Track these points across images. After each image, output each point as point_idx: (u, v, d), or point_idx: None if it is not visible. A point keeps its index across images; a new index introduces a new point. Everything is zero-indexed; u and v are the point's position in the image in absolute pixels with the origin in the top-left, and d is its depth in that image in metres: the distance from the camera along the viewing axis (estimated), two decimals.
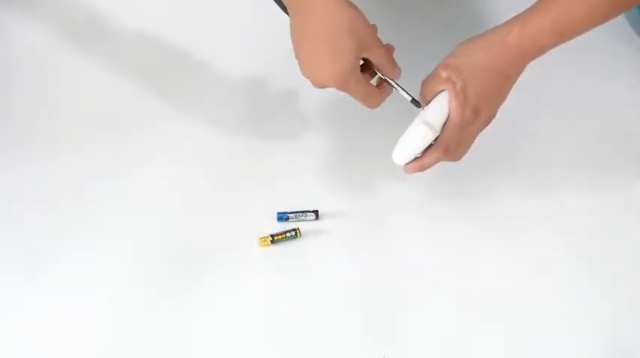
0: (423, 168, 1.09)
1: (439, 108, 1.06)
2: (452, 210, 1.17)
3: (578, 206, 1.18)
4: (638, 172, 1.22)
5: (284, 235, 1.14)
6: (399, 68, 1.09)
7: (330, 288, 1.12)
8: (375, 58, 1.07)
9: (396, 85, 1.09)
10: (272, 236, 1.14)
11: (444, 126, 1.07)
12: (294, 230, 1.14)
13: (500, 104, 1.08)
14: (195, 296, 1.11)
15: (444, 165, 1.11)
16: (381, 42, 1.07)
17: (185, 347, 1.07)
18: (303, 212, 1.16)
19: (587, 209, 1.18)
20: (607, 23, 1.06)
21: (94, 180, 1.21)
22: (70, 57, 1.33)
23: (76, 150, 1.24)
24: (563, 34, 1.05)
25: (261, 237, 1.14)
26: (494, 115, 1.08)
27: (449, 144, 1.07)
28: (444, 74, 1.05)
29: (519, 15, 1.06)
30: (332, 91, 1.06)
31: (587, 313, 1.09)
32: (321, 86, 1.07)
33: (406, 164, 1.09)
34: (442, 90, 1.07)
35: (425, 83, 1.08)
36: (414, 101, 1.09)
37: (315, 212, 1.16)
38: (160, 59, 1.33)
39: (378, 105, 1.10)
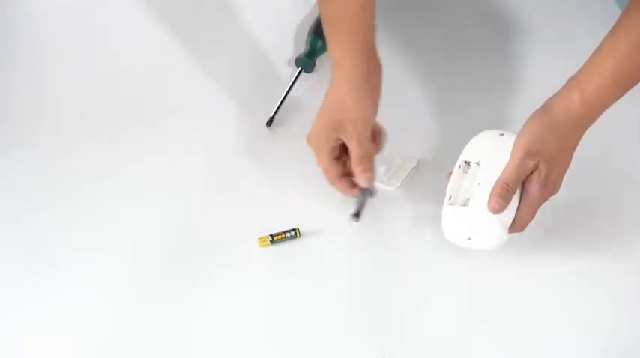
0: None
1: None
2: None
3: (578, 204, 1.18)
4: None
5: (283, 235, 1.14)
6: (367, 176, 1.11)
7: (330, 288, 1.11)
8: (350, 146, 1.11)
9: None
10: (271, 236, 1.14)
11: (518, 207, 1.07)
12: (293, 230, 1.14)
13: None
14: (195, 296, 1.10)
15: (444, 166, 1.12)
16: (367, 139, 1.10)
17: (184, 348, 1.06)
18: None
19: (588, 208, 1.18)
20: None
21: (94, 179, 1.21)
22: (70, 56, 1.34)
23: (76, 149, 1.24)
24: (626, 85, 1.04)
25: (261, 236, 1.14)
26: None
27: (524, 223, 1.08)
28: (530, 163, 1.05)
29: (576, 77, 1.05)
30: None
31: (588, 312, 1.09)
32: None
33: None
34: None
35: (516, 172, 1.05)
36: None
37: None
38: (160, 59, 1.34)
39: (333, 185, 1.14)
